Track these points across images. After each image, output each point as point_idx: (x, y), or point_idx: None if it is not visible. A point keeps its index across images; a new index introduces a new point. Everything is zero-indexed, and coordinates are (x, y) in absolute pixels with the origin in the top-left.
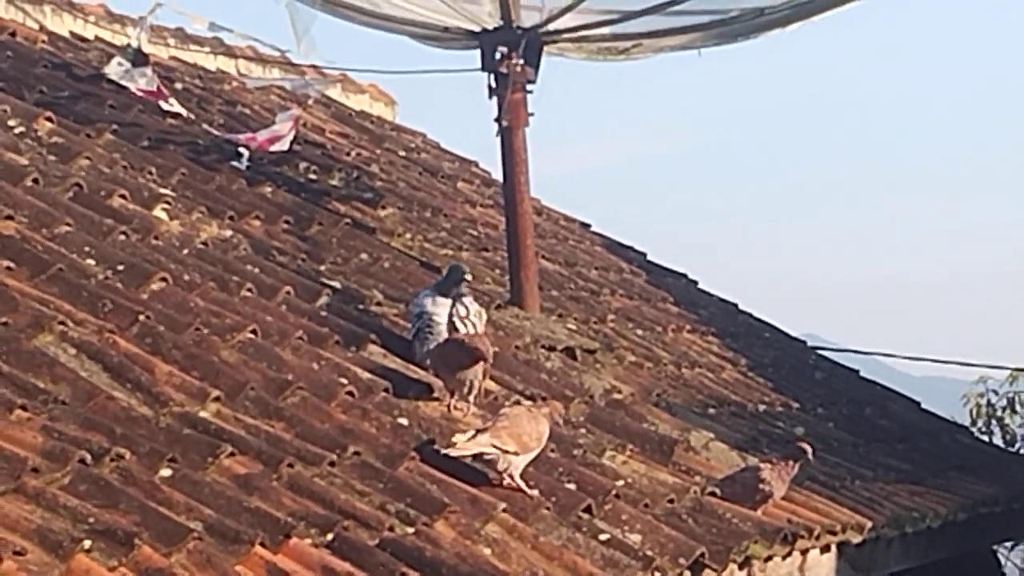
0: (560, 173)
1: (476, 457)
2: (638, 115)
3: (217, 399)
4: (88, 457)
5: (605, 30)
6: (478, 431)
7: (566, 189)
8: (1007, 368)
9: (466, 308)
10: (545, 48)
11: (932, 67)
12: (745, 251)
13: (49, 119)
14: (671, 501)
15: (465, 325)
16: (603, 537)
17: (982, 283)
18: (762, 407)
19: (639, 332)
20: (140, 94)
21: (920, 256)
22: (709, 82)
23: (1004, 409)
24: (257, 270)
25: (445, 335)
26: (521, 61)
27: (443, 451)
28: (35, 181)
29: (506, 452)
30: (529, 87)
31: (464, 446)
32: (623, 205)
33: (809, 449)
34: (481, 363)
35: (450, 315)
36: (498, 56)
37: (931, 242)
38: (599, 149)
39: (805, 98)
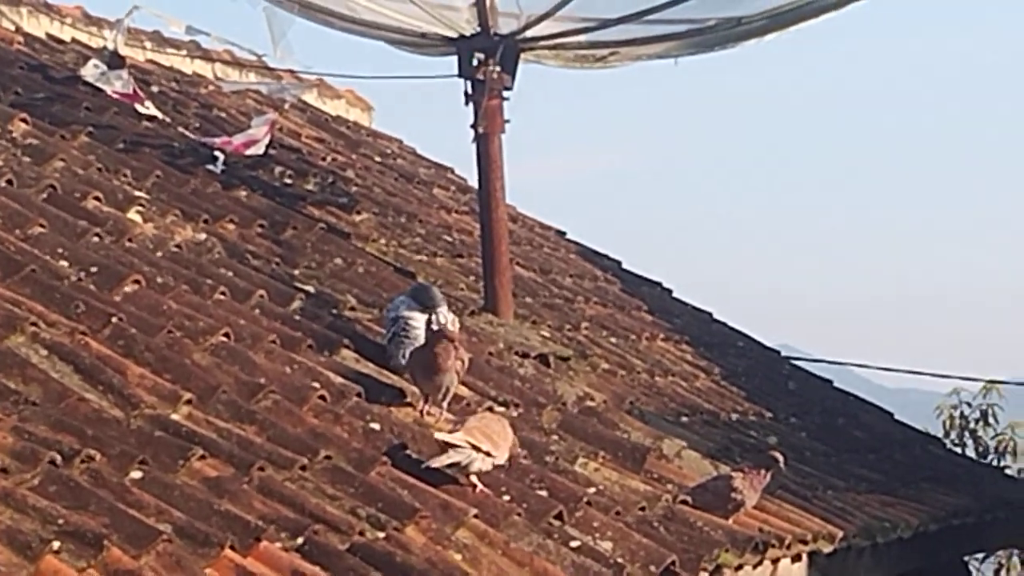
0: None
1: (451, 465)
2: (614, 126)
3: (189, 402)
4: (58, 458)
5: (582, 38)
6: (452, 430)
7: (542, 199)
8: (980, 380)
9: (444, 317)
10: (522, 55)
11: (911, 78)
12: (720, 264)
13: (24, 120)
14: (643, 509)
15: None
16: (574, 544)
17: (957, 299)
18: (735, 416)
19: (613, 340)
20: (116, 96)
21: (896, 272)
22: (687, 93)
23: (977, 421)
24: (231, 273)
25: (421, 341)
26: (498, 68)
27: (423, 465)
28: (9, 182)
29: (479, 451)
30: (506, 94)
31: (444, 442)
32: (598, 215)
33: (781, 458)
34: (458, 363)
35: (427, 323)
36: (475, 63)
37: (908, 258)
38: (575, 160)
39: (783, 111)
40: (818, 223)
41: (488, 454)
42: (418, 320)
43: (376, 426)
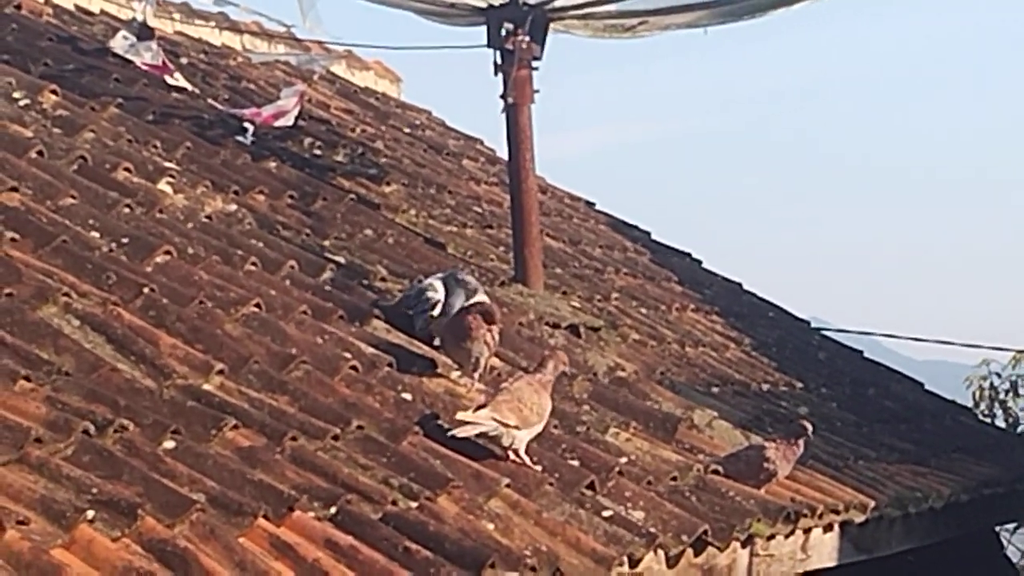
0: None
1: (480, 435)
2: (642, 98)
3: (221, 372)
4: (91, 428)
5: (611, 7)
6: (479, 406)
7: (570, 171)
8: (1010, 350)
9: (474, 288)
10: (551, 25)
11: (944, 49)
12: (750, 235)
13: (54, 92)
14: (674, 479)
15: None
16: (606, 514)
17: (987, 267)
18: (765, 386)
19: (643, 310)
20: (145, 68)
21: (925, 240)
22: (717, 65)
23: (1007, 392)
24: (261, 244)
25: (437, 311)
26: (527, 38)
27: (448, 432)
28: (40, 153)
29: (507, 426)
30: (535, 64)
31: (465, 422)
32: (627, 188)
33: (810, 427)
34: (488, 334)
35: (453, 292)
36: (504, 33)
37: (936, 226)
38: (604, 132)
39: (814, 79)
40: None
41: (517, 427)
42: (439, 291)
43: (408, 396)
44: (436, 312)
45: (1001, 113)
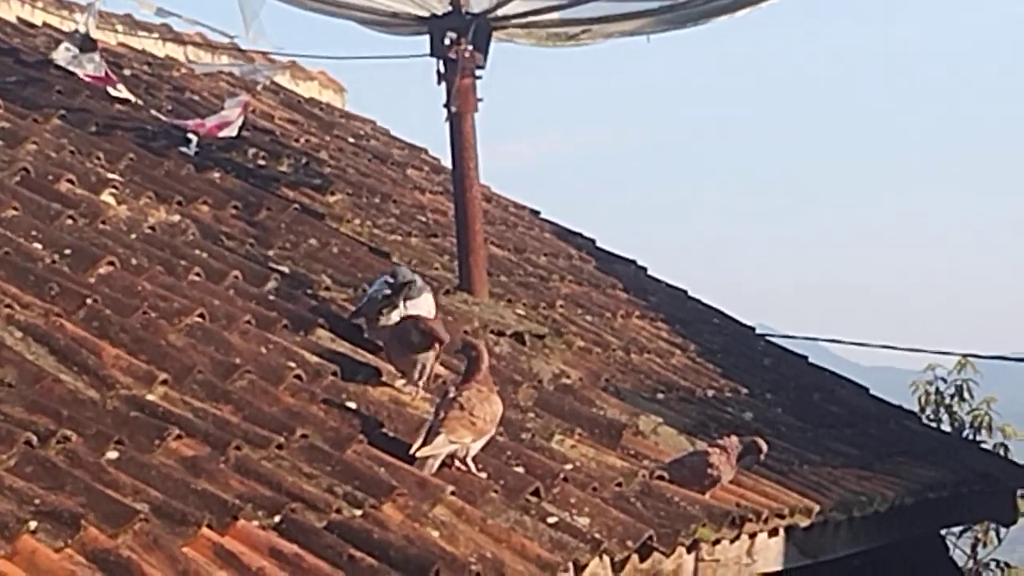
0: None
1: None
2: (583, 108)
3: (164, 382)
4: (34, 439)
5: (554, 15)
6: (431, 430)
7: (515, 182)
8: (955, 355)
9: (422, 300)
10: (494, 33)
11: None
12: (695, 248)
13: None
14: (619, 485)
15: (417, 307)
16: (551, 520)
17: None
18: (711, 392)
19: (588, 318)
20: (88, 80)
21: (871, 256)
22: (661, 76)
23: (952, 396)
24: (205, 255)
25: (394, 318)
26: (470, 47)
27: (416, 455)
28: None
29: (463, 443)
30: (478, 73)
31: (427, 457)
32: (571, 199)
33: (764, 447)
34: (436, 346)
35: (403, 304)
36: (447, 42)
37: (881, 241)
38: (548, 142)
39: (757, 94)
40: (794, 209)
41: (473, 440)
42: (392, 299)
43: (352, 405)
44: (384, 314)
45: (961, 116)
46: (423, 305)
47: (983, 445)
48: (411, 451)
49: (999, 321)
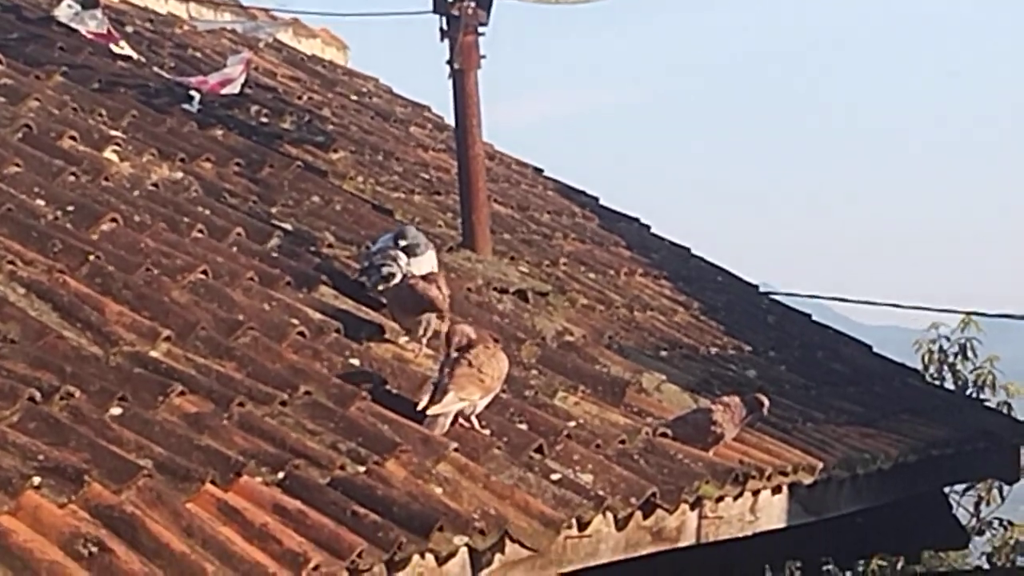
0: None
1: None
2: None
3: (168, 339)
4: (38, 395)
5: None
6: (437, 387)
7: (520, 140)
8: (959, 312)
9: (426, 259)
10: None
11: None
12: (699, 205)
13: None
14: (622, 442)
15: (420, 265)
16: (555, 477)
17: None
18: (714, 350)
19: (591, 275)
20: (90, 37)
21: (875, 208)
22: (666, 34)
23: (956, 355)
24: (208, 212)
25: (397, 276)
26: (473, 3)
27: (427, 412)
28: None
29: (472, 400)
30: (481, 29)
31: (437, 415)
32: (576, 157)
33: (767, 403)
34: (436, 296)
35: (407, 263)
36: None
37: (886, 194)
38: (551, 99)
39: (764, 50)
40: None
41: (480, 397)
42: (396, 255)
43: (355, 361)
44: (397, 271)
45: (970, 82)
46: (426, 264)
47: (986, 403)
48: (419, 408)
49: (1003, 278)
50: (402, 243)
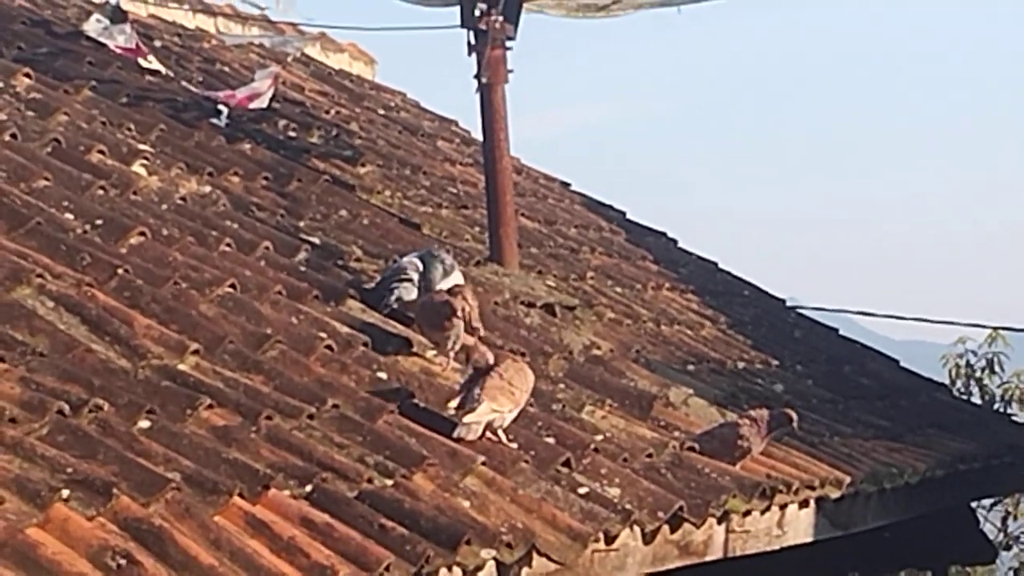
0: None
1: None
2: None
3: (196, 352)
4: (66, 408)
5: None
6: (467, 397)
7: (547, 154)
8: (986, 327)
9: (450, 265)
10: (525, 4)
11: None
12: (726, 217)
13: (27, 75)
14: (650, 456)
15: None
16: (582, 491)
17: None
18: (741, 364)
19: (618, 289)
20: (119, 51)
21: (904, 220)
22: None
23: (983, 370)
24: (236, 225)
25: (413, 292)
26: (501, 17)
27: (456, 435)
28: (13, 136)
29: (502, 412)
30: (509, 44)
31: (471, 420)
32: (602, 170)
33: (795, 418)
34: (459, 318)
35: (431, 278)
36: (478, 12)
37: (913, 206)
38: (577, 113)
39: (790, 59)
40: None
41: (510, 410)
42: (416, 270)
43: (383, 375)
44: (413, 291)
45: (983, 96)
46: (451, 283)
47: (1014, 418)
48: (453, 407)
49: None
50: (429, 262)
